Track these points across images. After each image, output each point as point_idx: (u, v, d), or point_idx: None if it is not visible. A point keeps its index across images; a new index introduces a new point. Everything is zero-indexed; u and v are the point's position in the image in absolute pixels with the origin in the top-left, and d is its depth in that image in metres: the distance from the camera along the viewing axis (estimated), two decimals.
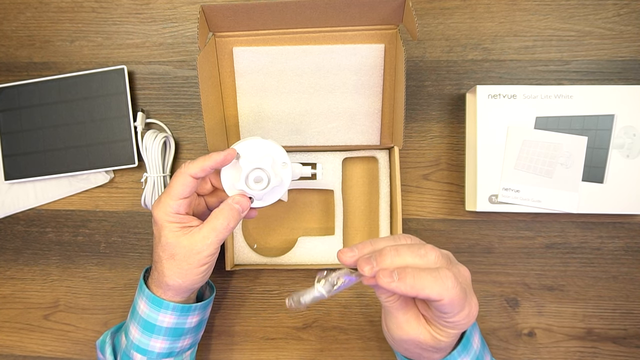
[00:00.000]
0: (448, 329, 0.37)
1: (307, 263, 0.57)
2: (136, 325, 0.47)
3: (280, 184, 0.46)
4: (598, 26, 0.56)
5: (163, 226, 0.43)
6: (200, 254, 0.43)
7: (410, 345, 0.39)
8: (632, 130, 0.52)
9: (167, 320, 0.46)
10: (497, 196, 0.53)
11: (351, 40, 0.53)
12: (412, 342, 0.38)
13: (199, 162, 0.43)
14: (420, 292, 0.34)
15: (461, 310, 0.36)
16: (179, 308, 0.46)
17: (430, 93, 0.58)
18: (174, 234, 0.43)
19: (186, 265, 0.43)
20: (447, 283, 0.34)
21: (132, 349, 0.47)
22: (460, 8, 0.57)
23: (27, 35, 0.61)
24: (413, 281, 0.34)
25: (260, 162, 0.44)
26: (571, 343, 0.56)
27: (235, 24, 0.52)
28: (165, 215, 0.43)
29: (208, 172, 0.43)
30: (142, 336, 0.46)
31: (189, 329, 0.48)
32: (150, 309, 0.46)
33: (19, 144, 0.59)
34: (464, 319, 0.36)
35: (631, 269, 0.56)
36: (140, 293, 0.47)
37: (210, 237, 0.42)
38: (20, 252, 0.62)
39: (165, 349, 0.47)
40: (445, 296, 0.34)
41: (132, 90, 0.59)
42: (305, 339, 0.58)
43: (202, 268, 0.44)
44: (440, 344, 0.38)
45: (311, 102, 0.56)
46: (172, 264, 0.43)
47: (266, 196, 0.46)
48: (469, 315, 0.37)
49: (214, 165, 0.43)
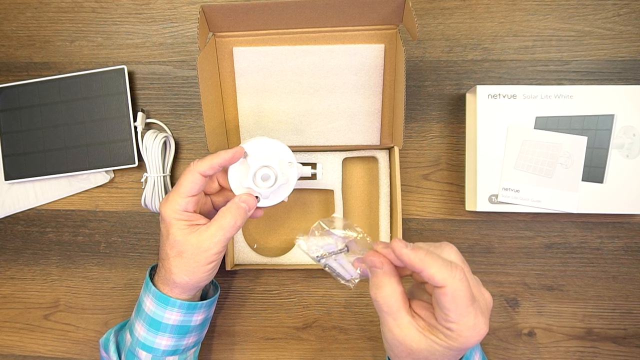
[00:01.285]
0: (448, 339, 0.34)
1: (307, 263, 0.57)
2: (142, 322, 0.47)
3: (287, 183, 0.46)
4: (598, 26, 0.56)
5: (171, 224, 0.44)
6: (208, 252, 0.43)
7: (402, 353, 0.37)
8: (632, 130, 0.52)
9: (174, 317, 0.46)
10: (497, 196, 0.53)
11: (351, 40, 0.53)
12: (404, 349, 0.36)
13: (207, 159, 0.44)
14: (427, 268, 0.33)
15: (465, 314, 0.34)
16: (186, 306, 0.46)
17: (430, 93, 0.58)
18: (182, 232, 0.43)
19: (194, 262, 0.43)
20: (455, 273, 0.33)
21: (137, 346, 0.47)
22: (460, 8, 0.57)
23: (27, 35, 0.61)
24: (424, 256, 0.33)
25: (267, 161, 0.44)
26: (571, 343, 0.56)
27: (235, 24, 0.52)
28: (173, 212, 0.44)
29: (216, 170, 0.44)
30: (148, 334, 0.47)
31: (195, 326, 0.48)
32: (157, 306, 0.46)
33: (19, 144, 0.59)
34: (468, 330, 0.34)
35: (631, 269, 0.56)
36: (147, 291, 0.47)
37: (218, 235, 0.43)
38: (20, 252, 0.62)
39: (170, 347, 0.47)
40: (449, 284, 0.33)
41: (132, 90, 0.59)
42: (305, 339, 0.58)
43: (209, 266, 0.44)
44: (435, 355, 0.35)
45: (311, 102, 0.56)
46: (179, 261, 0.44)
47: (273, 195, 0.46)
48: (474, 328, 0.34)
49: (223, 163, 0.44)
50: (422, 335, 0.35)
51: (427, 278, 0.34)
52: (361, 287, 0.58)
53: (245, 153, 0.45)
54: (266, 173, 0.45)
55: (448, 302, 0.33)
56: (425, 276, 0.34)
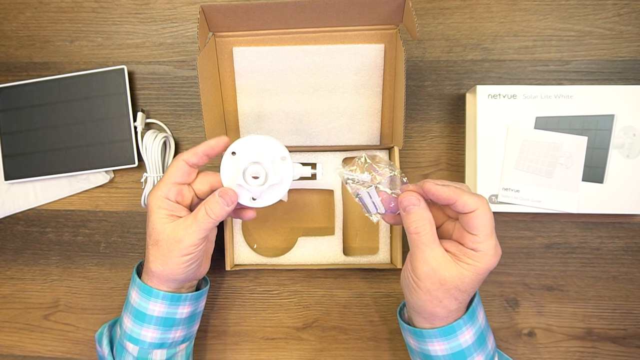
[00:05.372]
0: (475, 260, 0.39)
1: (307, 263, 0.57)
2: (129, 314, 0.47)
3: (281, 183, 0.45)
4: (598, 26, 0.56)
5: (152, 211, 0.44)
6: (181, 243, 0.43)
7: (434, 285, 0.40)
8: (632, 130, 0.52)
9: (158, 309, 0.46)
10: (497, 196, 0.53)
11: (351, 40, 0.53)
12: (437, 279, 0.39)
13: (192, 148, 0.45)
14: (459, 197, 0.38)
15: (490, 234, 0.39)
16: (169, 297, 0.46)
17: (430, 93, 0.58)
18: (161, 220, 0.44)
19: (168, 252, 0.44)
20: (482, 200, 0.39)
21: (125, 338, 0.47)
22: (460, 8, 0.57)
23: (27, 35, 0.61)
24: (454, 189, 0.39)
25: (258, 157, 0.44)
26: (571, 343, 0.56)
27: (235, 24, 0.52)
28: (156, 199, 0.44)
29: (200, 157, 0.44)
30: (134, 325, 0.47)
31: (180, 319, 0.48)
32: (141, 297, 0.46)
33: (19, 144, 0.59)
34: (492, 249, 0.39)
35: (631, 269, 0.56)
36: (132, 283, 0.48)
37: (192, 227, 0.43)
38: (20, 252, 0.62)
39: (156, 339, 0.47)
40: (480, 207, 0.38)
41: (132, 90, 0.59)
42: (305, 339, 0.58)
43: (184, 258, 0.44)
44: (464, 283, 0.39)
45: (311, 102, 0.56)
46: (156, 250, 0.44)
47: (266, 195, 0.46)
48: (495, 248, 0.39)
49: (206, 150, 0.44)
50: (453, 262, 0.40)
51: (460, 206, 0.38)
52: (360, 288, 0.58)
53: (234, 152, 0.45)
54: (256, 170, 0.44)
55: (480, 223, 0.38)
56: (459, 204, 0.38)
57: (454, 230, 0.42)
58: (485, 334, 0.43)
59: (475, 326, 0.42)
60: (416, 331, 0.43)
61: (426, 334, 0.42)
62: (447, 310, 0.41)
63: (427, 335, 0.42)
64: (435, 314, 0.41)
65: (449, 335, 0.42)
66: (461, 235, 0.40)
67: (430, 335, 0.42)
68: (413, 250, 0.41)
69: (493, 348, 0.45)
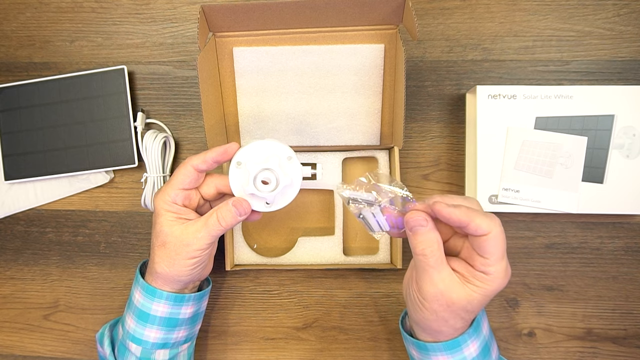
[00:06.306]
0: (485, 283, 0.37)
1: (307, 263, 0.57)
2: (132, 315, 0.47)
3: (291, 184, 0.45)
4: (598, 26, 0.56)
5: (159, 214, 0.44)
6: (189, 247, 0.43)
7: (441, 307, 0.38)
8: (632, 131, 0.52)
9: (161, 309, 0.46)
10: (497, 196, 0.53)
11: (351, 40, 0.53)
12: (445, 301, 0.38)
13: (201, 154, 0.45)
14: (472, 221, 0.36)
15: (502, 257, 0.37)
16: (173, 297, 0.46)
17: (430, 93, 0.58)
18: (169, 223, 0.44)
19: (175, 254, 0.44)
20: (495, 221, 0.37)
21: (127, 338, 0.47)
22: (460, 8, 0.57)
23: (27, 35, 0.61)
24: (467, 210, 0.36)
25: (266, 163, 0.44)
26: (571, 343, 0.56)
27: (235, 24, 0.52)
28: (163, 203, 0.44)
29: (209, 165, 0.44)
30: (137, 326, 0.47)
31: (184, 320, 0.48)
32: (145, 298, 0.46)
33: (19, 144, 0.59)
34: (502, 272, 0.37)
35: (631, 269, 0.56)
36: (136, 283, 0.48)
37: (202, 232, 0.43)
38: (20, 252, 0.62)
39: (159, 339, 0.47)
40: (493, 230, 0.36)
41: (132, 90, 0.59)
42: (305, 339, 0.58)
43: (190, 261, 0.44)
44: (472, 304, 0.38)
45: (311, 102, 0.56)
46: (162, 251, 0.44)
47: (278, 198, 0.46)
48: (506, 271, 0.38)
49: (215, 157, 0.44)
50: (461, 284, 0.38)
51: (472, 229, 0.36)
52: (359, 287, 0.58)
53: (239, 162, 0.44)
54: (267, 176, 0.44)
55: (492, 246, 0.36)
56: (471, 228, 0.36)
57: (462, 248, 0.40)
58: (489, 345, 0.43)
59: (480, 338, 0.42)
60: (420, 344, 0.43)
61: (430, 348, 0.42)
62: (453, 329, 0.40)
63: (432, 349, 0.42)
64: (440, 332, 0.40)
65: (454, 349, 0.41)
66: (470, 255, 0.38)
67: (434, 349, 0.42)
68: (419, 271, 0.39)
69: (497, 357, 0.44)
